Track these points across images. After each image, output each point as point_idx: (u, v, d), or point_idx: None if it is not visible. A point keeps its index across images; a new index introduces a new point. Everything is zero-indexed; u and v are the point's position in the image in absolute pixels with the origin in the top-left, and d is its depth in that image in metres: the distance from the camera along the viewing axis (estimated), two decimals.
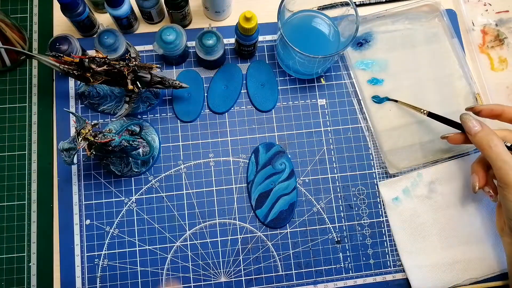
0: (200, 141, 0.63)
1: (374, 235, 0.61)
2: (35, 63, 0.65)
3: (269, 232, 0.61)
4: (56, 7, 0.66)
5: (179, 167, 0.62)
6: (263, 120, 0.64)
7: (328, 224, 0.61)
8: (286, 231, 0.61)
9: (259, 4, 0.67)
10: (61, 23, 0.65)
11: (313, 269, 0.60)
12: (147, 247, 0.60)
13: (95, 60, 0.53)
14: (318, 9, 0.64)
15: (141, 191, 0.61)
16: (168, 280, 0.59)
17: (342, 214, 0.62)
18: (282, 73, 0.65)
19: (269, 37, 0.66)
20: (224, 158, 0.62)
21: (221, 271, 0.60)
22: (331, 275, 0.60)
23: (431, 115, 0.59)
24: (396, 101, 0.63)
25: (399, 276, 0.60)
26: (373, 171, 0.63)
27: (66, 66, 0.54)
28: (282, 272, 0.60)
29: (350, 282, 0.60)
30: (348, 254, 0.61)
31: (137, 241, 0.60)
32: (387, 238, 0.61)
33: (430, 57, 0.66)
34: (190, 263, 0.60)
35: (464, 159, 0.63)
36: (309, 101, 0.65)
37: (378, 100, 0.64)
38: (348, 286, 0.60)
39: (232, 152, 0.63)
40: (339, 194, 0.62)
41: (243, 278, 0.59)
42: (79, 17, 0.59)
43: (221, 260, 0.60)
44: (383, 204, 0.62)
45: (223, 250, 0.60)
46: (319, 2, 0.63)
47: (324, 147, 0.63)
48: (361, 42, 0.66)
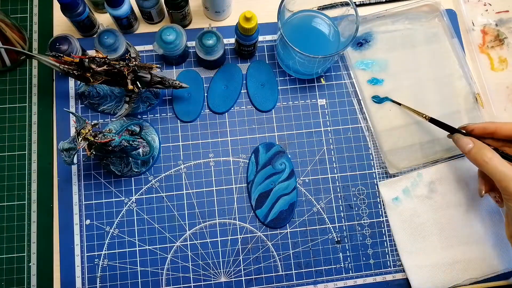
0: (200, 141, 0.63)
1: (374, 235, 0.61)
2: (35, 63, 0.65)
3: (269, 232, 0.61)
4: (56, 7, 0.66)
5: (179, 167, 0.62)
6: (263, 120, 0.64)
7: (328, 224, 0.61)
8: (286, 231, 0.61)
9: (259, 4, 0.67)
10: (61, 23, 0.65)
11: (313, 269, 0.60)
12: (147, 247, 0.60)
13: (95, 60, 0.53)
14: (318, 9, 0.64)
15: (141, 191, 0.61)
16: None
17: (342, 214, 0.62)
18: (282, 73, 0.65)
19: (269, 37, 0.66)
20: (224, 158, 0.62)
21: (221, 271, 0.60)
22: (331, 275, 0.60)
23: (432, 120, 0.59)
24: (399, 104, 0.63)
25: (399, 276, 0.61)
26: (373, 171, 0.63)
27: (66, 66, 0.54)
28: (282, 272, 0.60)
29: (350, 282, 0.60)
30: (348, 254, 0.61)
31: (137, 241, 0.60)
32: (387, 238, 0.61)
33: (430, 57, 0.66)
34: (190, 263, 0.60)
35: (464, 159, 0.63)
36: (309, 101, 0.65)
37: (378, 100, 0.64)
38: (348, 286, 0.60)
39: (232, 152, 0.63)
40: (339, 194, 0.62)
41: (243, 278, 0.59)
42: (79, 17, 0.59)
43: (221, 260, 0.60)
44: (383, 204, 0.62)
45: (223, 250, 0.60)
46: (319, 2, 0.63)
47: (324, 147, 0.63)
48: (361, 42, 0.66)
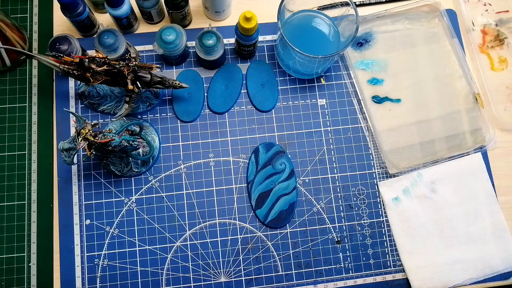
0: (200, 141, 0.63)
1: (374, 235, 0.61)
2: (35, 63, 0.65)
3: (269, 232, 0.61)
4: (56, 7, 0.66)
5: (179, 167, 0.62)
6: (263, 120, 0.64)
7: (328, 224, 0.61)
8: (286, 231, 0.61)
9: (259, 4, 0.67)
10: (61, 23, 0.65)
11: (313, 269, 0.60)
12: (147, 247, 0.60)
13: (95, 60, 0.53)
14: (318, 9, 0.64)
15: (141, 191, 0.61)
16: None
17: (342, 214, 0.62)
18: (282, 73, 0.65)
19: (269, 37, 0.66)
20: (224, 158, 0.62)
21: (221, 271, 0.60)
22: (331, 275, 0.60)
23: None
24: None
25: (399, 276, 0.60)
26: (373, 171, 0.63)
27: (66, 66, 0.54)
28: (282, 272, 0.60)
29: (350, 282, 0.60)
30: (348, 254, 0.61)
31: (137, 241, 0.60)
32: (387, 238, 0.61)
33: (430, 57, 0.66)
34: (190, 263, 0.60)
35: (464, 159, 0.63)
36: (309, 101, 0.65)
37: (378, 100, 0.64)
38: (348, 286, 0.60)
39: (232, 152, 0.63)
40: (339, 194, 0.62)
41: (243, 278, 0.59)
42: (79, 17, 0.59)
43: (221, 260, 0.60)
44: (383, 204, 0.62)
45: (223, 250, 0.60)
46: (319, 2, 0.63)
47: (324, 147, 0.63)
48: (361, 42, 0.66)
